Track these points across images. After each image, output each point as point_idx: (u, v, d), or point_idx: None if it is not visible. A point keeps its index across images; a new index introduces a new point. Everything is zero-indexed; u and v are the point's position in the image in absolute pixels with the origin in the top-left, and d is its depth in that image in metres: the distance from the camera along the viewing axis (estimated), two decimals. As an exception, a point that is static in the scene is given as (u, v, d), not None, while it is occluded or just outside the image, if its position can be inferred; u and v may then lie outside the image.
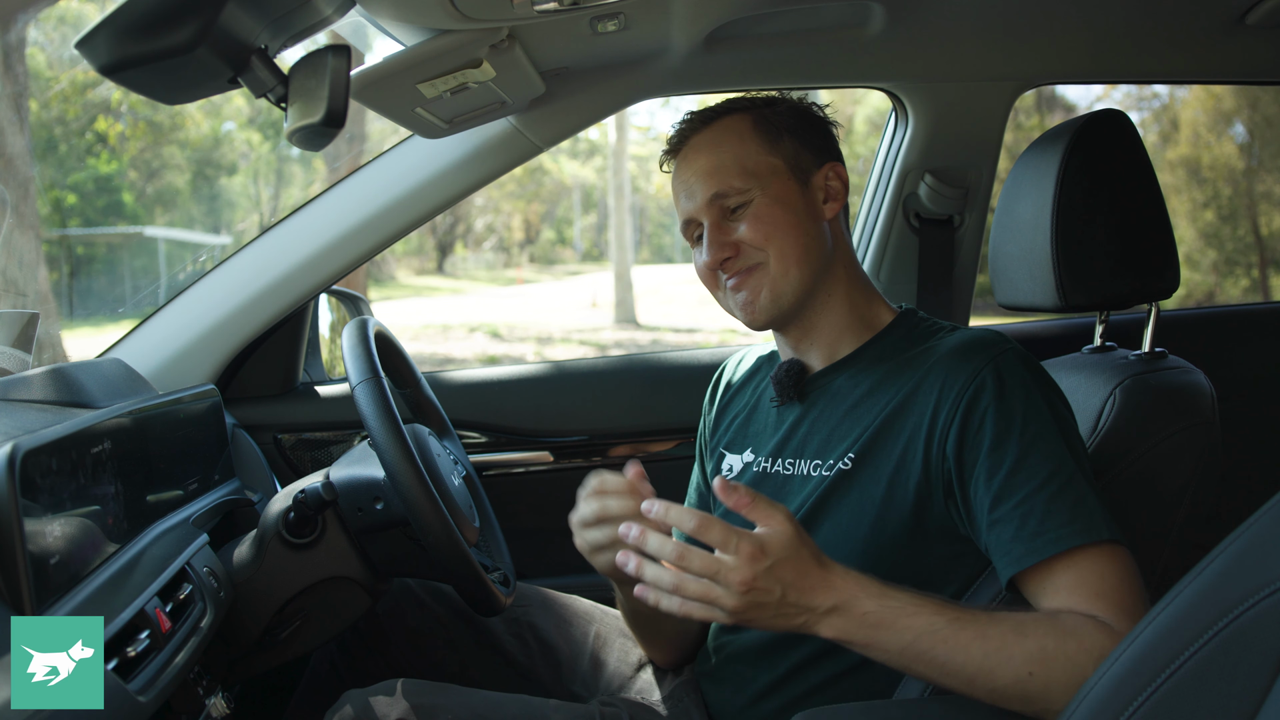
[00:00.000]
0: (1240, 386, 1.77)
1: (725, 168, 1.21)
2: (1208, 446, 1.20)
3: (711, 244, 1.21)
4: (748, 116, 1.24)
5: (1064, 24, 1.64)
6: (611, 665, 1.42)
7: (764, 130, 1.23)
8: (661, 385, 1.90)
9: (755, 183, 1.20)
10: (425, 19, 1.17)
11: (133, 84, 0.95)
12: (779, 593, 0.92)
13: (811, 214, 1.23)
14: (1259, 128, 15.01)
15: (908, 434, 1.12)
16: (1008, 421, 1.05)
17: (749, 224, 1.20)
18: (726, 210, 1.21)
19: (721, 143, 1.23)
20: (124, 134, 15.81)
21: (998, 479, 1.03)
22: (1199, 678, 0.62)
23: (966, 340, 1.14)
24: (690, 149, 1.25)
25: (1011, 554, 1.01)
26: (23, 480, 0.84)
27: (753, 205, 1.20)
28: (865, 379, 1.20)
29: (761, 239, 1.20)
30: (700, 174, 1.22)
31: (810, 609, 0.94)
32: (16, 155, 5.10)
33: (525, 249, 28.23)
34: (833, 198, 1.26)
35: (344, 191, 1.72)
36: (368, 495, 1.29)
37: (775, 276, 1.20)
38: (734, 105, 1.26)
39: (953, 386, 1.09)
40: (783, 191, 1.21)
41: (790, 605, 0.93)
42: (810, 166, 1.25)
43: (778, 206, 1.20)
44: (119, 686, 0.90)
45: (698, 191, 1.22)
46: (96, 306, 13.51)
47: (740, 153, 1.22)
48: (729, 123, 1.24)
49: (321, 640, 1.34)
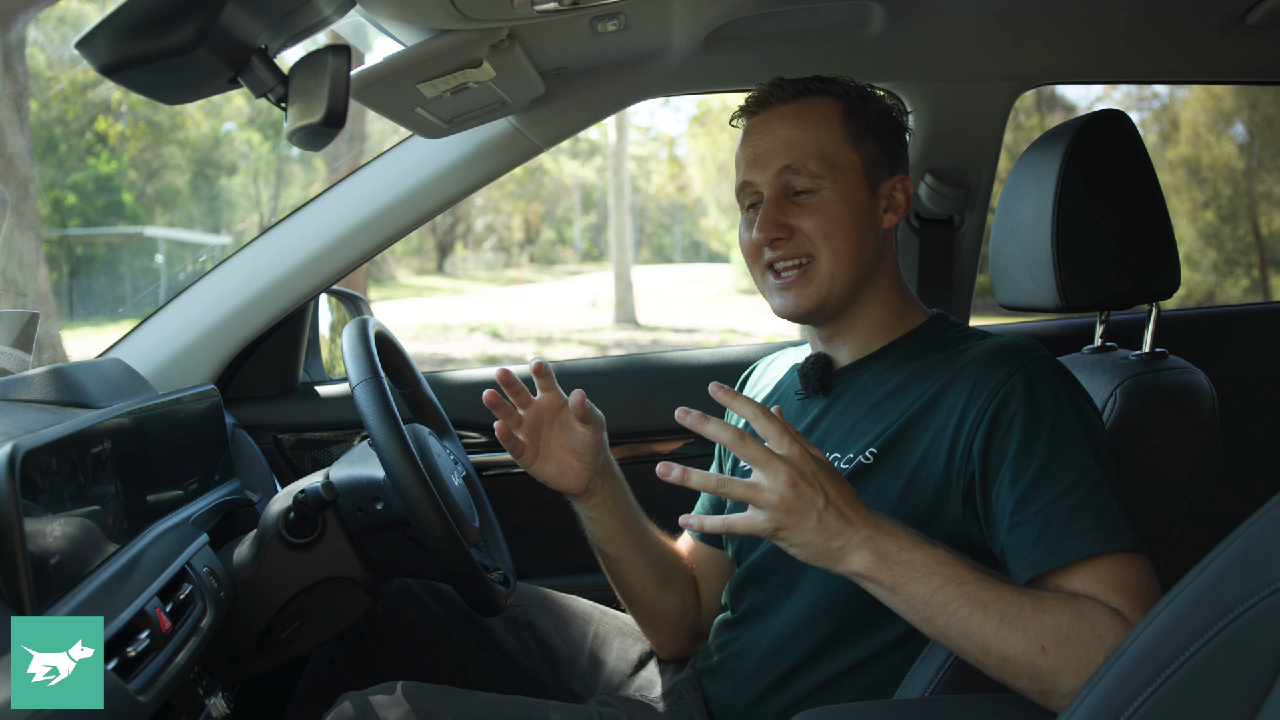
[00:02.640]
0: (1240, 386, 1.77)
1: (806, 147, 1.19)
2: (1208, 446, 1.20)
3: (766, 220, 1.19)
4: (839, 105, 1.23)
5: (1064, 24, 1.64)
6: (610, 664, 1.43)
7: (852, 124, 1.22)
8: (661, 385, 1.90)
9: (829, 173, 1.19)
10: (425, 19, 1.16)
11: (133, 84, 0.95)
12: (822, 502, 0.94)
13: (871, 221, 1.23)
14: (1259, 128, 15.01)
15: (932, 433, 1.11)
16: (1036, 426, 1.05)
17: (811, 214, 1.19)
18: (790, 189, 1.20)
19: (808, 120, 1.21)
20: (124, 134, 15.81)
21: (1023, 482, 1.03)
22: (1199, 677, 0.62)
23: (999, 345, 1.14)
24: (773, 115, 1.23)
25: (1031, 556, 1.00)
26: (23, 480, 0.84)
27: (820, 195, 1.19)
28: (893, 376, 1.20)
29: (820, 234, 1.19)
30: (779, 144, 1.20)
31: (849, 530, 0.95)
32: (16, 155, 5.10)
33: (525, 249, 28.25)
34: (894, 209, 1.25)
35: (344, 191, 1.72)
36: (368, 495, 1.29)
37: (824, 277, 1.20)
38: (826, 87, 1.24)
39: (983, 389, 1.09)
40: (852, 191, 1.21)
41: (831, 520, 0.94)
42: (883, 173, 1.24)
43: (844, 205, 1.20)
44: (119, 686, 0.89)
45: (770, 160, 1.20)
46: (96, 306, 13.51)
47: (824, 138, 1.20)
48: (819, 104, 1.22)
49: (321, 640, 1.34)
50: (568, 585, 1.58)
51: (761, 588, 1.24)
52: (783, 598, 1.21)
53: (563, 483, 1.26)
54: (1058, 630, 0.92)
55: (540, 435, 1.25)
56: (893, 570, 0.95)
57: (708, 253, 26.54)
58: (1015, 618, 0.92)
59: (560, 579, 1.71)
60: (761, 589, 1.24)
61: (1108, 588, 0.97)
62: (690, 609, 1.40)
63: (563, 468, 1.26)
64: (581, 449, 1.25)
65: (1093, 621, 0.92)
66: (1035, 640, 0.91)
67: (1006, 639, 0.92)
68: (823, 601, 1.16)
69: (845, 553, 0.95)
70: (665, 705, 1.30)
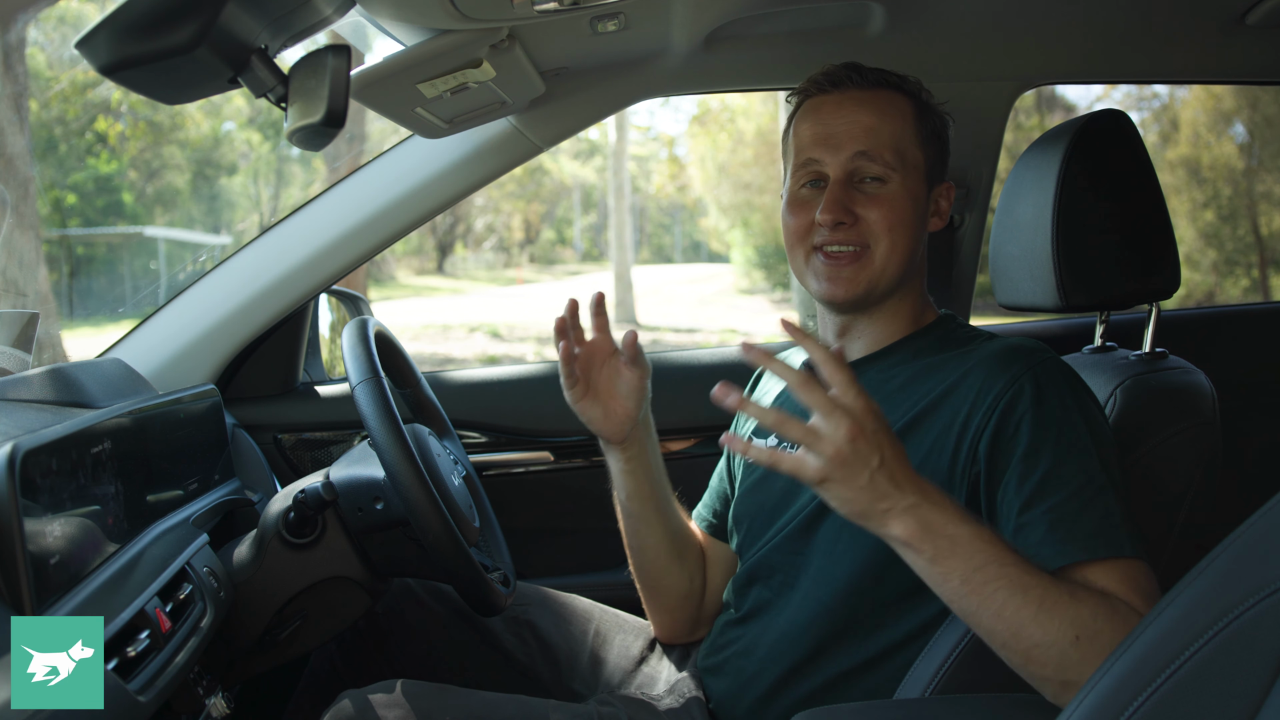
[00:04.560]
0: (1240, 386, 1.77)
1: (883, 136, 1.20)
2: (1208, 446, 1.20)
3: (834, 203, 1.19)
4: (911, 102, 1.24)
5: (1064, 24, 1.64)
6: (611, 662, 1.43)
7: (922, 124, 1.24)
8: (661, 385, 1.90)
9: (901, 167, 1.21)
10: (425, 19, 1.17)
11: (133, 84, 0.95)
12: (877, 462, 0.90)
13: (924, 221, 1.25)
14: (1259, 128, 15.00)
15: (937, 431, 1.12)
16: (1043, 429, 1.05)
17: (879, 205, 1.20)
18: (859, 175, 1.21)
19: (886, 111, 1.22)
20: (124, 134, 15.80)
21: (1029, 485, 1.03)
22: (1199, 678, 0.61)
23: (1008, 346, 1.14)
24: (848, 98, 1.23)
25: (1038, 556, 0.99)
26: (23, 480, 0.84)
27: (889, 187, 1.20)
28: (900, 373, 1.21)
29: (884, 226, 1.19)
30: (857, 128, 1.21)
31: (897, 494, 0.91)
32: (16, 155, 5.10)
33: (525, 249, 28.24)
34: (939, 215, 1.28)
35: (344, 191, 1.72)
36: (368, 495, 1.29)
37: (878, 269, 1.21)
38: (902, 84, 1.25)
39: (990, 390, 1.09)
40: (916, 189, 1.22)
41: (882, 481, 0.91)
42: (937, 177, 1.27)
43: (909, 201, 1.21)
44: (119, 686, 0.90)
45: (845, 142, 1.21)
46: (96, 306, 13.51)
47: (900, 131, 1.21)
48: (894, 98, 1.23)
49: (321, 640, 1.35)
50: (568, 585, 1.58)
51: (766, 585, 1.25)
52: (787, 594, 1.21)
53: (605, 426, 1.28)
54: (1094, 621, 0.91)
55: (590, 375, 1.28)
56: (935, 542, 0.92)
57: (708, 253, 26.53)
58: (1054, 605, 0.91)
59: (560, 579, 1.71)
60: (766, 586, 1.24)
61: (1124, 589, 0.96)
62: (697, 591, 1.41)
63: (608, 411, 1.28)
64: (628, 393, 1.27)
65: (1126, 618, 0.91)
66: (1071, 629, 0.90)
67: (1043, 624, 0.90)
68: (827, 599, 1.16)
69: (889, 517, 0.92)
70: (666, 703, 1.30)
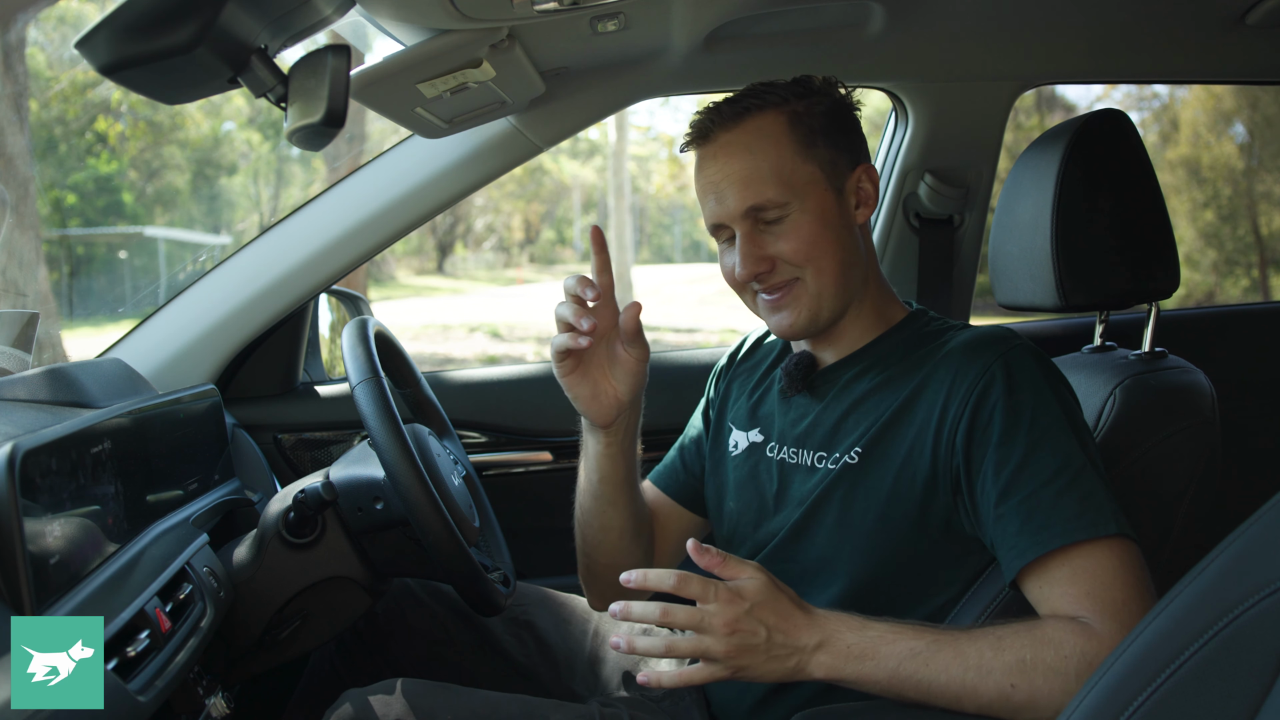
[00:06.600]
0: (1240, 386, 1.77)
1: (761, 177, 1.15)
2: (1208, 446, 1.20)
3: (746, 258, 1.16)
4: (781, 116, 1.17)
5: (1064, 24, 1.64)
6: (611, 662, 1.43)
7: (799, 134, 1.17)
8: (661, 385, 1.90)
9: (793, 195, 1.16)
10: (425, 19, 1.16)
11: (133, 84, 0.95)
12: (764, 634, 0.98)
13: (847, 224, 1.20)
14: (1259, 128, 14.99)
15: (916, 428, 1.12)
16: (1016, 416, 1.05)
17: (786, 240, 1.16)
18: (761, 221, 1.17)
19: (755, 147, 1.16)
20: (124, 134, 15.79)
21: (1005, 473, 1.04)
22: (1199, 678, 0.61)
23: (976, 336, 1.14)
24: (720, 146, 1.18)
25: (1016, 548, 1.02)
26: (23, 480, 0.84)
27: (790, 219, 1.16)
28: (875, 374, 1.20)
29: (801, 257, 1.16)
30: (734, 181, 1.16)
31: (798, 648, 0.99)
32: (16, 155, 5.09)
33: (525, 249, 28.22)
34: (864, 202, 1.22)
35: (344, 191, 1.72)
36: (368, 495, 1.29)
37: (813, 295, 1.18)
38: (765, 100, 1.18)
39: (962, 381, 1.09)
40: (820, 204, 1.17)
41: (778, 646, 0.98)
42: (844, 171, 1.21)
43: (816, 221, 1.16)
44: (119, 686, 0.89)
45: (730, 199, 1.16)
46: (96, 306, 13.50)
47: (776, 161, 1.15)
48: (762, 123, 1.17)
49: (321, 640, 1.34)
50: (568, 585, 1.58)
51: None
52: None
53: (593, 407, 1.21)
54: (1020, 664, 0.95)
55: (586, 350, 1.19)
56: (851, 665, 0.99)
57: (708, 253, 26.53)
58: (976, 666, 0.96)
59: (560, 579, 1.71)
60: None
61: (1079, 592, 0.98)
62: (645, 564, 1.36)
63: (598, 391, 1.20)
64: (622, 376, 1.19)
65: (1055, 645, 0.95)
66: (1004, 679, 0.95)
67: (975, 688, 0.96)
68: (823, 605, 1.15)
69: (803, 666, 1.00)
70: (666, 704, 1.30)
